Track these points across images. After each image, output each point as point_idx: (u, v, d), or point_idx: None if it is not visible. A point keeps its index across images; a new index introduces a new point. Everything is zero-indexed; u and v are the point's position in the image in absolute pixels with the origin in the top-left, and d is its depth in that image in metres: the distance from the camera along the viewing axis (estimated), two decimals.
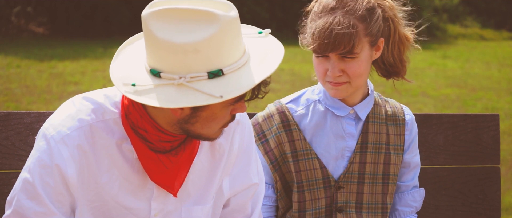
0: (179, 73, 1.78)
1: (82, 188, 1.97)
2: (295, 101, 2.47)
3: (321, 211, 2.44)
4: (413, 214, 2.57)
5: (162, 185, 2.00)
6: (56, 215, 1.96)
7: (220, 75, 1.78)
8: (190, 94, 1.76)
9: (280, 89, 9.65)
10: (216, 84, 1.77)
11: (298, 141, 2.42)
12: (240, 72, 1.81)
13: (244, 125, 2.21)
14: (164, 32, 1.76)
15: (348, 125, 2.43)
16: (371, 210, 2.47)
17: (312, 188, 2.42)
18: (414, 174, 2.55)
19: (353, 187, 2.44)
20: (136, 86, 1.81)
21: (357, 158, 2.44)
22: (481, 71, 12.99)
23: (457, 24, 21.23)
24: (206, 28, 1.75)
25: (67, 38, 15.29)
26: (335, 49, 2.25)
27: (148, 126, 1.93)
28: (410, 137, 2.52)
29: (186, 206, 2.10)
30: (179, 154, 2.00)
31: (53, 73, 10.52)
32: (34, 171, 1.94)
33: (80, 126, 1.95)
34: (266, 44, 1.92)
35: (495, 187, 2.85)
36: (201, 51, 1.75)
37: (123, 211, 2.03)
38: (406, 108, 2.56)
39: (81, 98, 2.00)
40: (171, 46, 1.76)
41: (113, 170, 1.99)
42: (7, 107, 8.10)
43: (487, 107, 9.52)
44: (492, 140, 2.83)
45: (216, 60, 1.78)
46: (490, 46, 18.00)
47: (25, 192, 1.95)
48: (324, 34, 2.24)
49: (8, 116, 2.42)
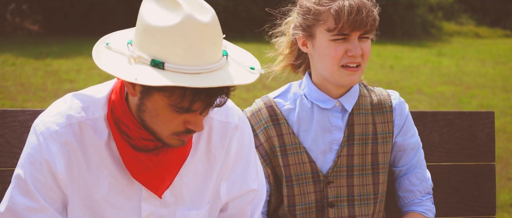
0: (136, 49, 1.82)
1: (71, 184, 1.97)
2: (283, 96, 2.48)
3: (311, 206, 2.44)
4: (417, 198, 2.54)
5: (145, 184, 2.00)
6: (49, 210, 1.96)
7: (160, 68, 1.78)
8: (125, 68, 1.79)
9: (275, 87, 9.58)
10: (148, 72, 1.77)
11: (287, 135, 2.42)
12: (180, 75, 1.77)
13: (243, 130, 2.18)
14: (148, 10, 1.81)
15: (334, 117, 2.44)
16: (363, 202, 2.47)
17: (301, 182, 2.42)
18: (412, 156, 2.53)
19: (343, 180, 2.44)
20: (108, 45, 1.87)
21: (345, 151, 2.44)
22: (476, 69, 13.00)
23: (452, 22, 21.25)
24: (169, 19, 1.77)
25: (62, 36, 15.26)
26: (364, 26, 2.31)
27: (129, 123, 1.94)
28: (400, 121, 2.51)
29: (181, 210, 2.09)
30: (161, 154, 1.98)
31: (48, 71, 10.50)
32: (25, 167, 1.96)
33: (69, 123, 1.96)
34: (241, 74, 1.87)
35: (490, 184, 2.85)
36: (155, 37, 1.78)
37: (114, 211, 2.02)
38: (394, 93, 2.55)
39: (72, 96, 2.02)
40: (142, 22, 1.81)
41: (102, 168, 1.99)
42: (2, 105, 8.09)
43: (482, 104, 9.53)
44: (487, 137, 2.84)
45: (165, 53, 1.78)
46: (485, 43, 18.03)
47: (18, 188, 1.96)
48: (354, 11, 2.30)
49: (3, 114, 2.41)
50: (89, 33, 15.48)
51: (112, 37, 1.94)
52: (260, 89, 9.47)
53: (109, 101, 1.98)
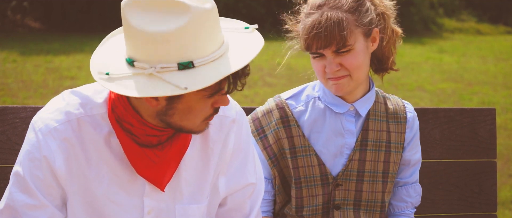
0: (151, 63, 1.78)
1: (71, 181, 1.97)
2: (295, 98, 2.46)
3: (318, 208, 2.44)
4: (408, 209, 2.56)
5: (149, 179, 2.00)
6: (48, 207, 1.96)
7: (190, 68, 1.78)
8: (159, 84, 1.77)
9: (277, 84, 9.65)
10: (185, 76, 1.76)
11: (297, 137, 2.41)
12: (211, 65, 1.80)
13: (241, 123, 2.18)
14: (138, 21, 1.77)
15: (347, 121, 2.42)
16: (370, 208, 2.46)
17: (310, 185, 2.41)
18: (413, 171, 2.54)
19: (352, 184, 2.43)
20: (110, 75, 1.82)
21: (357, 156, 2.43)
22: (477, 66, 12.99)
23: (453, 19, 21.21)
24: (177, 19, 1.75)
25: (63, 32, 15.25)
26: (328, 45, 2.24)
27: (133, 120, 1.93)
28: (410, 134, 2.50)
29: (180, 204, 2.09)
30: (165, 148, 1.99)
31: (49, 68, 10.49)
32: (24, 164, 1.96)
33: (68, 120, 1.95)
34: (248, 40, 1.91)
35: (491, 181, 2.85)
36: (171, 42, 1.76)
37: (115, 208, 2.02)
38: (409, 105, 2.54)
39: (69, 93, 2.01)
40: (143, 35, 1.76)
41: (101, 165, 1.98)
42: (3, 102, 8.09)
43: (483, 101, 9.53)
44: (488, 134, 2.84)
45: (187, 52, 1.77)
46: (486, 40, 18.00)
47: (17, 185, 1.96)
48: (314, 31, 2.24)
49: (4, 111, 2.42)
50: (90, 30, 15.49)
51: (96, 65, 1.89)
52: (261, 86, 9.47)
53: (109, 100, 1.98)
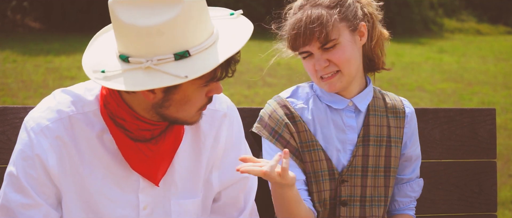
0: (146, 57, 1.80)
1: (65, 179, 1.97)
2: (295, 96, 2.47)
3: (325, 204, 2.44)
4: (412, 203, 2.59)
5: (143, 174, 2.01)
6: (43, 205, 1.96)
7: (186, 57, 1.80)
8: (157, 76, 1.78)
9: (277, 84, 9.65)
10: (182, 65, 1.78)
11: (303, 132, 2.41)
12: (207, 53, 1.82)
13: (232, 118, 2.20)
14: (129, 17, 1.78)
15: (347, 117, 2.43)
16: (374, 203, 2.47)
17: (318, 180, 2.41)
18: (415, 167, 2.57)
19: (357, 180, 2.44)
20: (105, 73, 1.84)
21: (360, 151, 2.44)
22: (477, 66, 12.99)
23: (453, 19, 21.22)
24: (169, 10, 1.77)
25: (63, 32, 15.25)
26: (309, 41, 2.27)
27: (125, 115, 1.94)
28: (409, 130, 2.52)
29: (175, 199, 2.10)
30: (159, 142, 2.00)
31: (49, 68, 10.50)
32: (17, 163, 1.96)
33: (59, 118, 1.96)
34: (236, 25, 1.93)
35: (491, 181, 2.85)
36: (166, 33, 1.77)
37: (110, 204, 2.02)
38: (406, 101, 2.56)
39: (60, 92, 2.02)
40: (136, 29, 1.78)
41: (95, 161, 1.99)
42: (3, 102, 8.09)
43: (483, 101, 9.53)
44: (488, 134, 2.84)
45: (181, 41, 1.79)
46: (486, 40, 18.00)
47: (11, 185, 1.97)
48: (296, 30, 2.28)
49: (4, 111, 2.42)
50: (90, 30, 15.47)
51: (89, 65, 1.90)
52: (261, 86, 9.47)
53: (100, 96, 1.98)
